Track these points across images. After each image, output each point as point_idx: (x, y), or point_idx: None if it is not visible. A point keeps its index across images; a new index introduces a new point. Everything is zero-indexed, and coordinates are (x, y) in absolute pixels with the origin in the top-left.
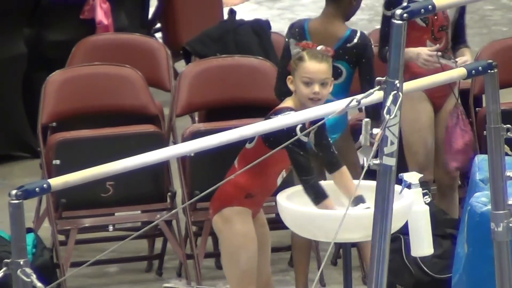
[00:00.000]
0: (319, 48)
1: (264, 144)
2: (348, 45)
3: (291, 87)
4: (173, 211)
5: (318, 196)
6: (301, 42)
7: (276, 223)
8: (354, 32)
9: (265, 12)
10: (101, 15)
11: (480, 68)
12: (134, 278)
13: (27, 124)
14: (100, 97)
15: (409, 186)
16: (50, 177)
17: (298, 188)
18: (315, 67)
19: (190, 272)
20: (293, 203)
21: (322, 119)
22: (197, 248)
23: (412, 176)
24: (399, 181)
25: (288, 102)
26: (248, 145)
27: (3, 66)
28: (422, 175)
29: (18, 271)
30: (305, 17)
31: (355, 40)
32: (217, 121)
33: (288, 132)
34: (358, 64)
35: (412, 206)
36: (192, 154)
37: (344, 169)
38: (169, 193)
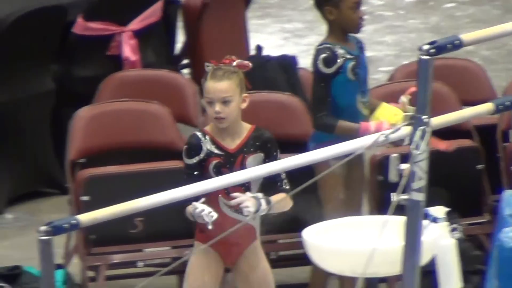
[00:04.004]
0: (234, 63)
1: None
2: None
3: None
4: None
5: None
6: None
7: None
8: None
9: (292, 48)
10: (128, 51)
11: (507, 103)
12: None
13: (55, 160)
14: (127, 133)
15: (435, 220)
16: (78, 213)
17: (325, 224)
18: (213, 86)
19: None
20: (320, 239)
21: None
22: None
23: (438, 210)
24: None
25: (208, 126)
26: None
27: (31, 103)
28: (448, 209)
29: None
30: None
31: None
32: None
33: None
34: None
35: (438, 240)
36: None
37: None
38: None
